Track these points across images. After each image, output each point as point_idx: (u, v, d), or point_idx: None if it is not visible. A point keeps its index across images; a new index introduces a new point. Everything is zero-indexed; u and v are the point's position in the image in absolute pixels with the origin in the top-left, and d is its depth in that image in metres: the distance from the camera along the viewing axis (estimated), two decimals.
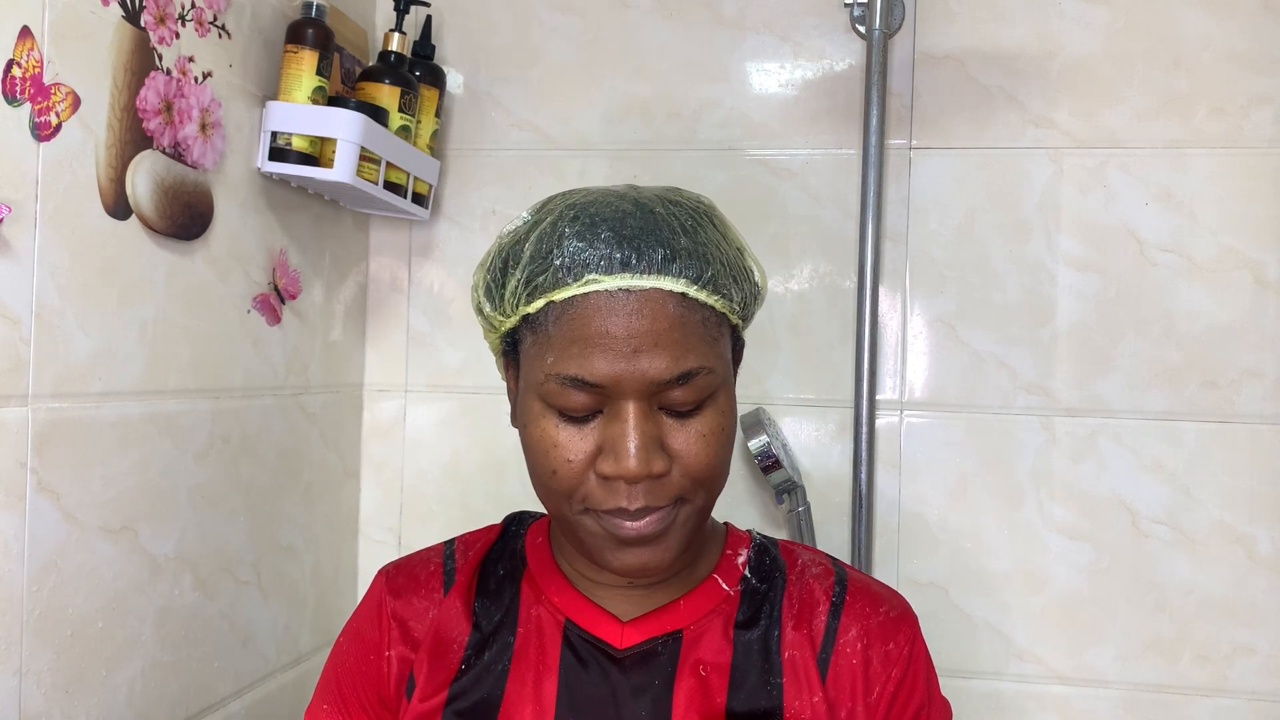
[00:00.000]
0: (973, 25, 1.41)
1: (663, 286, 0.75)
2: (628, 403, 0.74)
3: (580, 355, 0.74)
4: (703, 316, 0.77)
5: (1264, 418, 1.34)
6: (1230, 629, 1.34)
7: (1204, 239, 1.35)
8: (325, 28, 1.20)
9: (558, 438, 0.76)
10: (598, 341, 0.74)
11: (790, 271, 1.43)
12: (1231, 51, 1.35)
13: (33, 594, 0.91)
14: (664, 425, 0.76)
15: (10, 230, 0.87)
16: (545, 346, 0.76)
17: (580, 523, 0.77)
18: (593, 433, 0.75)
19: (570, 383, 0.74)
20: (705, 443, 0.76)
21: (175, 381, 1.09)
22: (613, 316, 0.74)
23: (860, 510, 1.38)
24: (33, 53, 0.88)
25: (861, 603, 0.85)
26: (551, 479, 0.76)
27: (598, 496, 0.75)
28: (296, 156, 1.19)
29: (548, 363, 0.76)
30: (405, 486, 1.52)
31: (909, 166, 1.41)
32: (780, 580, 0.86)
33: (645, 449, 0.73)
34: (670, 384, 0.74)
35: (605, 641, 0.82)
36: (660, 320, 0.75)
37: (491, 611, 0.86)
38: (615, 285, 0.75)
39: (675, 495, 0.76)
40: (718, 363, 0.77)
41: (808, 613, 0.84)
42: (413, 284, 1.52)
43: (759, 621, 0.84)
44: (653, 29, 1.47)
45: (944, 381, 1.41)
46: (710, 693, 0.81)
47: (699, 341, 0.76)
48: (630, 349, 0.74)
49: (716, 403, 0.77)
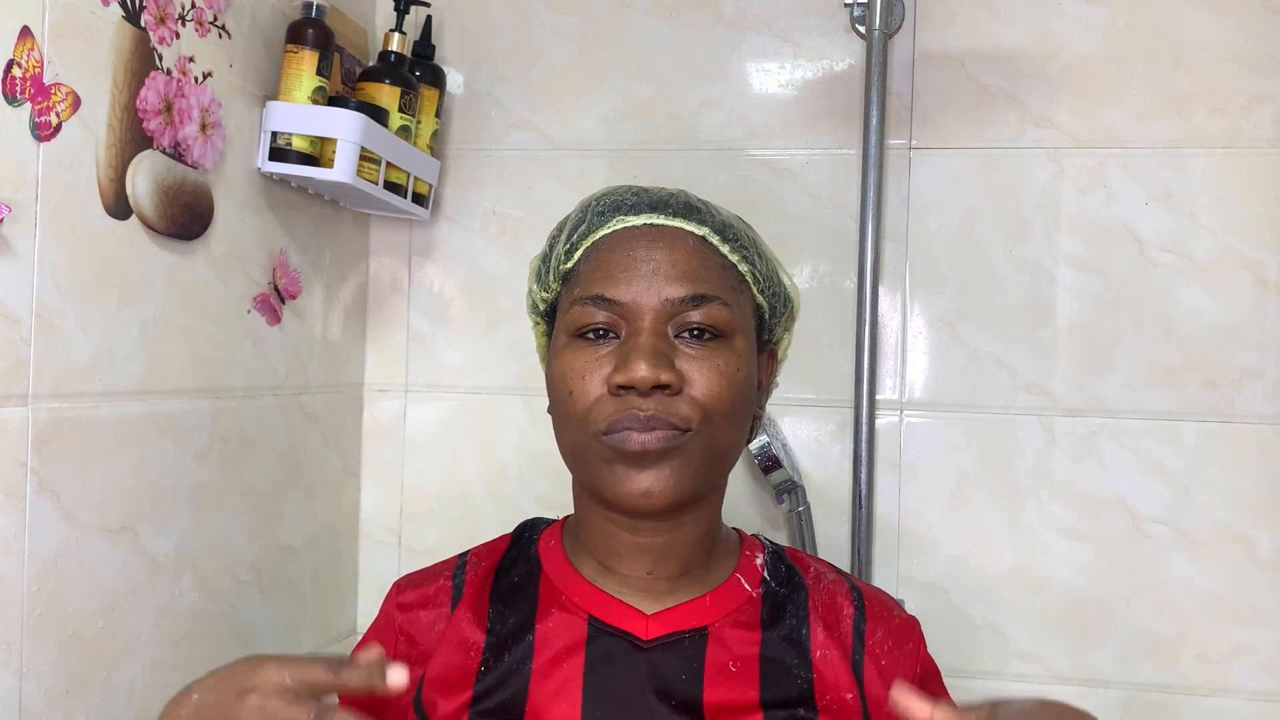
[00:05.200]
0: (973, 25, 1.41)
1: (686, 228, 0.82)
2: (644, 321, 0.78)
3: (604, 278, 0.80)
4: (722, 262, 0.82)
5: (1264, 418, 1.34)
6: (1230, 629, 1.34)
7: (1204, 239, 1.35)
8: (325, 28, 1.20)
9: (575, 361, 0.80)
10: (620, 263, 0.80)
11: (790, 271, 1.42)
12: (1231, 51, 1.35)
13: (33, 594, 0.91)
14: (680, 352, 0.79)
15: (10, 230, 0.87)
16: (575, 285, 0.82)
17: (593, 450, 0.79)
18: (610, 355, 0.79)
19: (592, 301, 0.79)
20: (719, 374, 0.79)
21: (175, 381, 1.09)
22: (636, 243, 0.81)
23: (860, 510, 1.38)
24: (33, 53, 0.88)
25: (878, 608, 0.87)
26: (568, 401, 0.79)
27: (609, 412, 0.78)
28: (296, 156, 1.19)
29: (575, 294, 0.81)
30: (405, 486, 1.52)
31: (909, 166, 1.41)
32: (800, 584, 0.87)
33: (655, 358, 0.77)
34: (684, 304, 0.79)
35: (630, 633, 0.82)
36: (679, 250, 0.81)
37: (507, 616, 0.85)
38: (641, 221, 0.83)
39: (684, 418, 0.77)
40: (736, 306, 0.81)
41: (833, 616, 0.86)
42: (413, 284, 1.52)
43: (784, 621, 0.84)
44: (652, 29, 1.47)
45: (944, 381, 1.41)
46: (741, 685, 0.81)
47: (716, 277, 0.81)
48: (649, 269, 0.79)
49: (734, 346, 0.81)
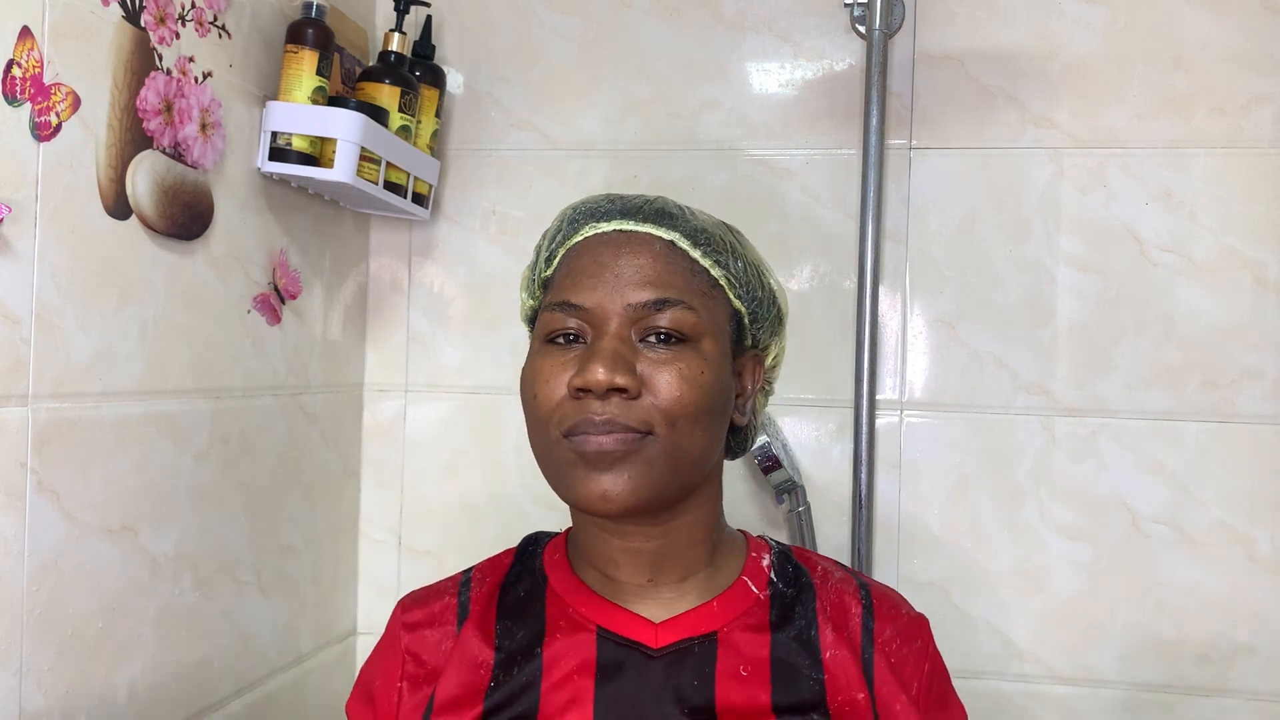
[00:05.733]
0: (973, 25, 1.41)
1: (655, 233, 0.83)
2: (609, 326, 0.79)
3: (572, 284, 0.81)
4: (691, 267, 0.82)
5: (1264, 418, 1.34)
6: (1230, 629, 1.34)
7: (1204, 239, 1.35)
8: (325, 28, 1.20)
9: (543, 365, 0.80)
10: (588, 270, 0.81)
11: (790, 271, 1.43)
12: (1231, 51, 1.35)
13: (33, 594, 0.91)
14: (643, 358, 0.78)
15: (10, 230, 0.87)
16: (548, 292, 0.83)
17: (555, 453, 0.79)
18: (575, 360, 0.79)
19: (560, 307, 0.80)
20: (681, 378, 0.78)
21: (175, 381, 1.09)
22: (603, 249, 0.82)
23: (860, 510, 1.38)
24: (33, 53, 0.88)
25: (886, 606, 0.87)
26: (533, 404, 0.80)
27: (568, 411, 0.78)
28: (297, 156, 1.19)
29: (545, 300, 0.83)
30: (405, 486, 1.52)
31: (909, 166, 1.41)
32: (808, 584, 0.87)
33: (613, 361, 0.77)
34: (647, 308, 0.79)
35: (639, 642, 0.81)
36: (644, 255, 0.81)
37: (515, 632, 0.84)
38: (611, 228, 0.83)
39: (643, 421, 0.77)
40: (704, 312, 0.81)
41: (842, 616, 0.85)
42: (413, 284, 1.52)
43: (793, 622, 0.84)
44: (652, 29, 1.47)
45: (944, 381, 1.40)
46: (753, 690, 0.80)
47: (683, 282, 0.81)
48: (614, 274, 0.80)
49: (700, 350, 0.80)
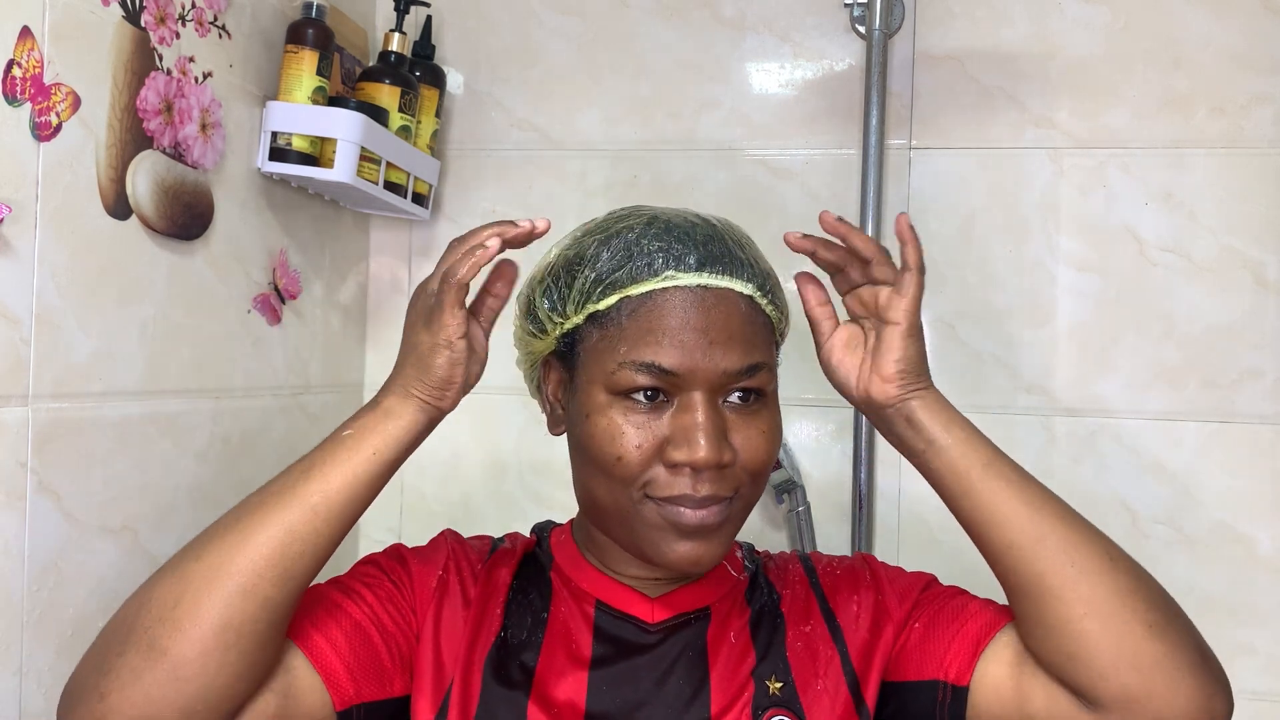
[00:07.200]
0: (972, 25, 1.40)
1: (735, 288, 0.81)
2: (699, 393, 0.79)
3: (657, 344, 0.78)
4: (764, 320, 0.84)
5: (1264, 418, 1.34)
6: (1230, 629, 1.34)
7: (1204, 239, 1.35)
8: (325, 28, 1.20)
9: (625, 425, 0.79)
10: (676, 332, 0.79)
11: (790, 272, 1.42)
12: (1231, 51, 1.35)
13: (33, 594, 0.91)
14: (727, 419, 0.80)
15: (10, 230, 0.87)
16: (617, 339, 0.80)
17: (638, 513, 0.80)
18: (660, 422, 0.79)
19: (645, 369, 0.78)
20: (765, 438, 0.81)
21: (175, 381, 1.09)
22: (692, 310, 0.79)
23: (860, 510, 1.38)
24: (33, 53, 0.88)
25: (822, 559, 0.95)
26: (616, 465, 0.79)
27: (662, 483, 0.79)
28: (297, 156, 1.19)
29: (620, 352, 0.79)
30: (405, 486, 1.52)
31: (909, 166, 1.41)
32: (761, 567, 0.94)
33: (717, 438, 0.78)
34: (739, 375, 0.79)
35: (636, 617, 0.86)
36: (734, 317, 0.80)
37: (527, 593, 0.88)
38: (694, 282, 0.80)
39: (733, 486, 0.80)
40: (772, 359, 0.84)
41: (792, 577, 0.92)
42: (413, 284, 1.52)
43: (761, 594, 0.90)
44: (652, 29, 1.47)
45: (944, 381, 1.38)
46: (740, 654, 0.85)
47: (763, 340, 0.83)
48: (707, 341, 0.79)
49: (769, 401, 0.83)
